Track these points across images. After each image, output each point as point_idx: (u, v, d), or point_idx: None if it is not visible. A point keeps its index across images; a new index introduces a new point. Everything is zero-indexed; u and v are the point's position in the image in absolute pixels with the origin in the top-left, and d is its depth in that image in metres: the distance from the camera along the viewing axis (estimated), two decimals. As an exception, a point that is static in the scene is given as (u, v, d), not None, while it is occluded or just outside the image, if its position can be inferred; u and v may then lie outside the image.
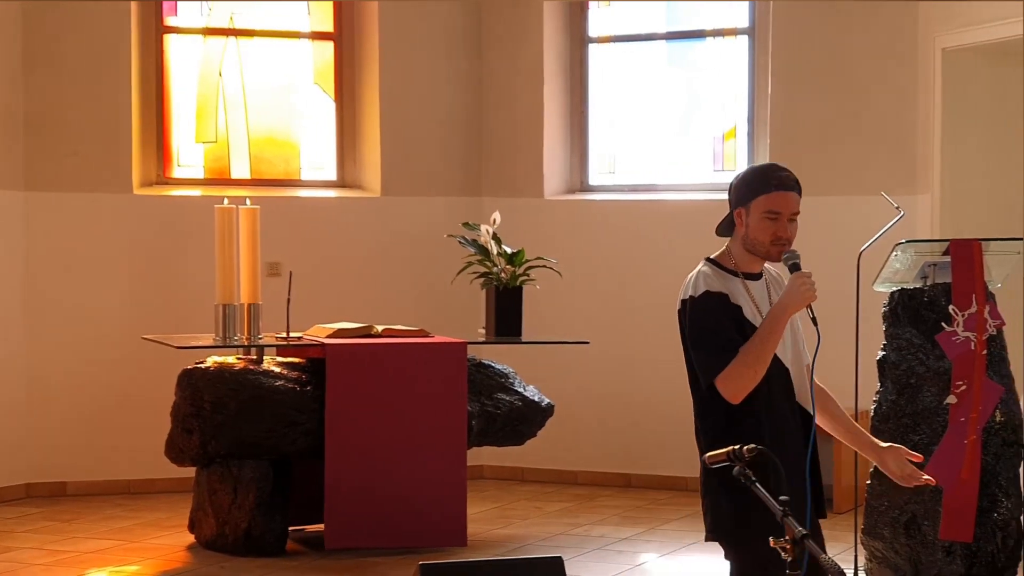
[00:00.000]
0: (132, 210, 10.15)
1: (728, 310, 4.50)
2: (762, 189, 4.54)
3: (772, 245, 4.53)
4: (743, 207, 4.56)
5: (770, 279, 4.68)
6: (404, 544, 8.23)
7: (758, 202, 4.52)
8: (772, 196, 4.52)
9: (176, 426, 8.33)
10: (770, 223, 4.52)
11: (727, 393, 4.43)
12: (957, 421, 6.57)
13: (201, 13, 10.49)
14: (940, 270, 6.76)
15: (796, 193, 4.55)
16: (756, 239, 4.54)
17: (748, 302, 4.54)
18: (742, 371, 4.42)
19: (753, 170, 4.64)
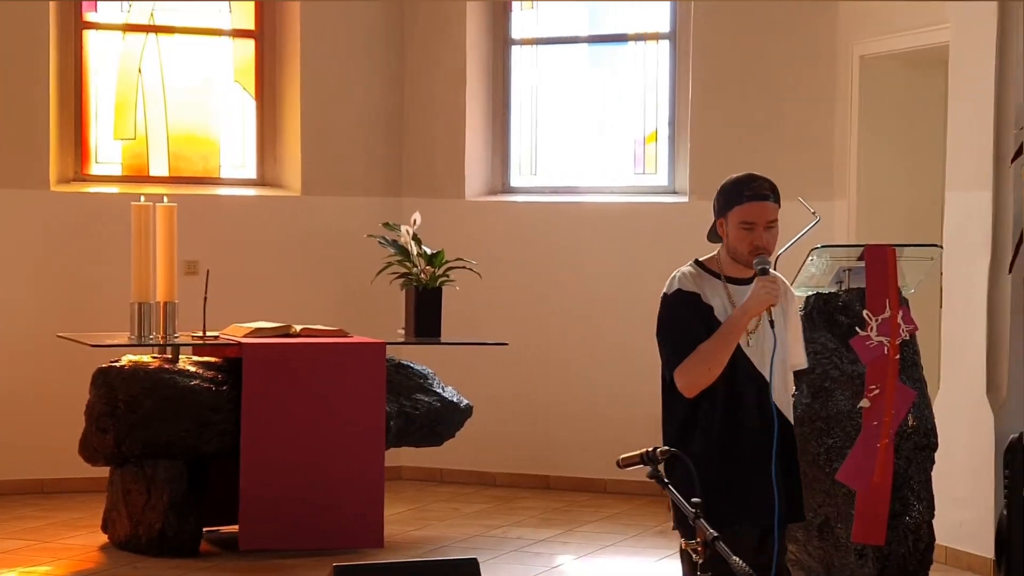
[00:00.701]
0: (49, 207, 10.05)
1: (698, 309, 4.67)
2: (736, 200, 4.70)
3: (750, 255, 4.69)
4: (723, 218, 4.73)
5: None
6: (320, 546, 8.19)
7: (734, 213, 4.68)
8: (746, 207, 4.68)
9: (90, 425, 8.25)
10: (746, 233, 4.68)
11: (681, 386, 4.62)
12: (870, 425, 6.63)
13: (121, 9, 10.41)
14: (855, 275, 6.83)
15: (771, 202, 4.71)
16: (735, 249, 4.70)
17: (725, 304, 4.67)
18: (697, 367, 4.60)
19: (730, 181, 4.77)
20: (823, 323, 6.82)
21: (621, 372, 10.21)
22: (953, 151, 8.11)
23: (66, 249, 10.06)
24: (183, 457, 8.11)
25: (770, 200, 4.70)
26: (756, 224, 4.67)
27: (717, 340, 4.59)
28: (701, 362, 4.60)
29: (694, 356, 4.60)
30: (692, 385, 4.62)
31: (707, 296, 4.67)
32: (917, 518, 6.68)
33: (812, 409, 6.80)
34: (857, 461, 6.60)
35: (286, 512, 8.13)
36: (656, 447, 3.99)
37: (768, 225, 4.68)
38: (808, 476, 6.83)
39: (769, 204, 4.69)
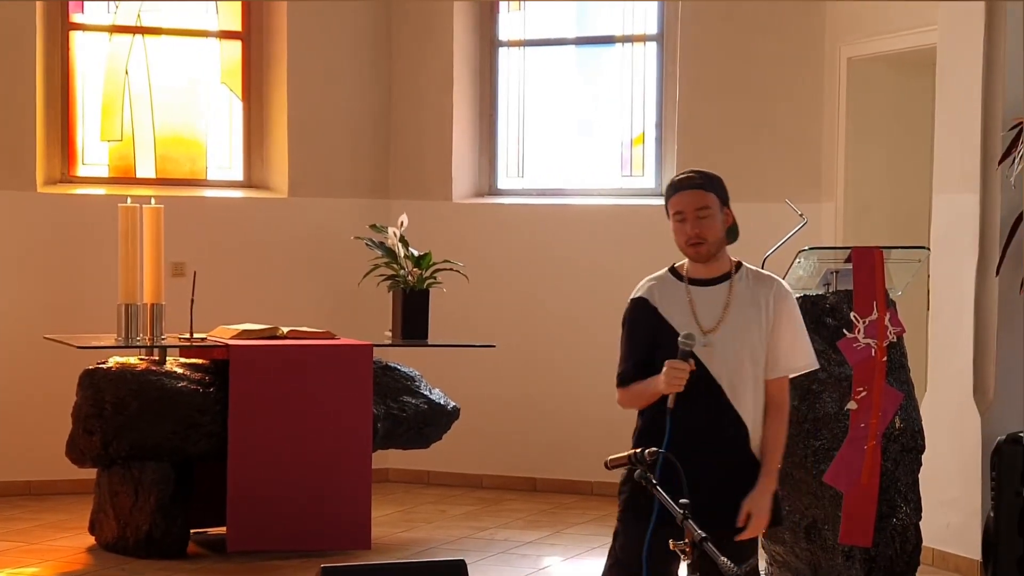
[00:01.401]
0: (35, 208, 10.03)
1: (644, 314, 4.69)
2: (668, 196, 4.72)
3: (688, 246, 4.66)
4: (667, 215, 4.72)
5: (741, 283, 4.73)
6: (307, 547, 8.19)
7: (669, 206, 4.70)
8: (674, 200, 4.68)
9: (77, 427, 8.24)
10: (680, 225, 4.66)
11: (619, 402, 4.76)
12: (857, 427, 6.63)
13: (108, 10, 10.39)
14: (842, 277, 6.83)
15: (699, 189, 4.66)
16: (678, 244, 4.69)
17: (681, 306, 4.64)
18: (629, 399, 4.77)
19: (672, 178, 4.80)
20: (810, 325, 6.75)
21: (608, 374, 10.09)
22: (940, 153, 8.12)
23: (53, 251, 10.04)
24: (170, 459, 8.09)
25: (700, 188, 4.66)
26: (686, 213, 4.63)
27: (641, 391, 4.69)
28: (633, 398, 4.75)
29: (631, 390, 4.73)
30: (626, 405, 4.82)
31: (659, 300, 4.66)
32: (904, 520, 6.69)
33: (799, 411, 6.79)
34: (844, 463, 6.61)
35: (273, 514, 8.12)
36: (644, 448, 3.98)
37: (699, 214, 4.62)
38: (795, 478, 6.85)
39: (696, 192, 4.65)
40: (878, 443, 6.61)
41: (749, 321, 4.65)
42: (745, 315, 4.65)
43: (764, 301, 4.69)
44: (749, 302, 4.68)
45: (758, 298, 4.69)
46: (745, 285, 4.72)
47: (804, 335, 4.79)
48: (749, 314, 4.65)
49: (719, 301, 4.67)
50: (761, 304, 4.68)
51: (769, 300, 4.70)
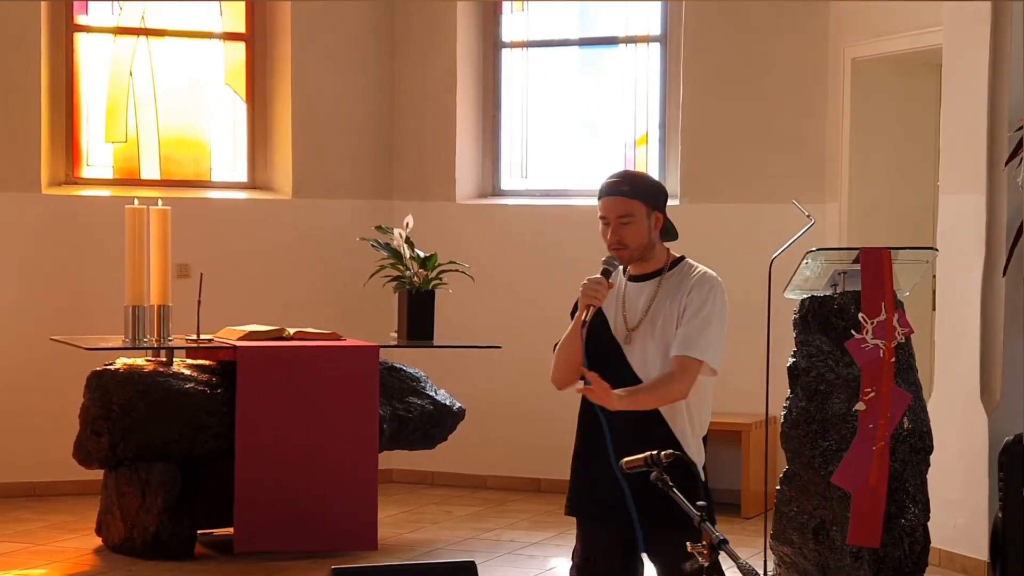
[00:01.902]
0: (40, 209, 10.04)
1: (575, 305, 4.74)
2: (598, 198, 4.79)
3: (611, 250, 4.70)
4: None
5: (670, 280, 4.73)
6: (314, 548, 8.20)
7: (598, 210, 4.76)
8: (600, 204, 4.75)
9: (84, 428, 8.25)
10: (604, 228, 4.71)
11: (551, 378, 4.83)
12: (866, 428, 6.63)
13: (112, 12, 10.40)
14: (850, 278, 6.83)
15: (623, 196, 4.68)
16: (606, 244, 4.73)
17: (613, 300, 4.71)
18: (554, 360, 4.80)
19: None
20: (818, 326, 6.83)
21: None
22: (947, 154, 8.13)
23: (57, 252, 10.05)
24: (177, 460, 8.11)
25: (624, 196, 4.68)
26: (608, 219, 4.68)
27: (563, 340, 4.74)
28: (555, 355, 4.79)
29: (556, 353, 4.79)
30: (552, 377, 4.84)
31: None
32: (913, 520, 6.69)
33: (808, 412, 6.81)
34: (853, 464, 6.61)
35: (280, 515, 8.13)
36: (660, 450, 3.99)
37: (621, 220, 4.66)
38: (803, 479, 6.86)
39: (621, 199, 4.67)
40: (886, 444, 6.61)
41: (667, 316, 4.67)
42: (664, 311, 4.68)
43: (682, 294, 4.70)
44: (671, 299, 4.69)
45: (680, 293, 4.69)
46: (673, 282, 4.72)
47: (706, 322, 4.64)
48: (668, 309, 4.68)
49: (646, 297, 4.71)
50: (680, 298, 4.69)
51: (685, 291, 4.70)
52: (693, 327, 4.64)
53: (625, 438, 4.57)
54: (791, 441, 6.90)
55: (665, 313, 4.66)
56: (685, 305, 4.66)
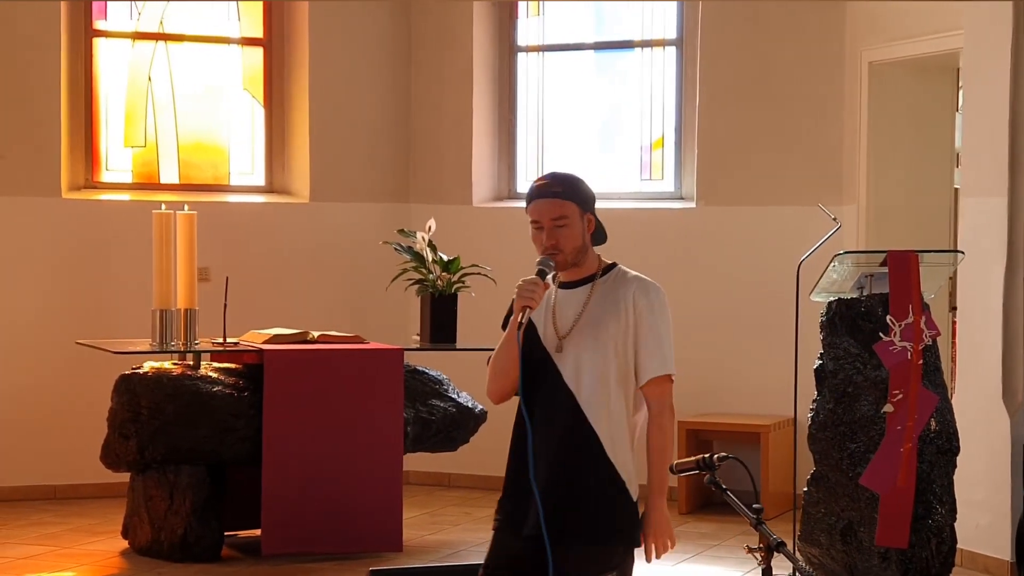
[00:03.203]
0: (60, 214, 10.09)
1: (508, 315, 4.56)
2: (527, 201, 4.59)
3: (543, 254, 4.52)
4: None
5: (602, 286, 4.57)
6: (340, 550, 8.25)
7: (528, 214, 4.58)
8: (531, 208, 4.56)
9: (113, 432, 8.29)
10: (536, 233, 4.54)
11: (486, 392, 4.58)
12: (894, 430, 6.69)
13: (131, 17, 10.45)
14: (877, 280, 6.89)
15: (557, 198, 4.51)
16: (537, 251, 4.56)
17: (544, 309, 4.53)
18: (489, 372, 4.54)
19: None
20: (845, 328, 6.89)
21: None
22: (968, 156, 8.19)
23: (78, 256, 10.10)
24: (205, 463, 8.16)
25: (558, 197, 4.50)
26: (542, 222, 4.50)
27: (498, 349, 4.50)
28: (489, 367, 4.54)
29: (489, 366, 4.55)
30: (487, 390, 4.57)
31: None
32: (940, 521, 6.76)
33: (835, 414, 6.87)
34: (881, 465, 6.67)
35: (307, 517, 8.17)
36: (712, 453, 4.04)
37: (555, 224, 4.48)
38: (831, 481, 6.92)
39: (555, 201, 4.49)
40: (914, 445, 6.67)
41: (603, 325, 4.48)
42: (598, 319, 4.49)
43: (624, 302, 4.51)
44: (607, 305, 4.51)
45: (618, 300, 4.51)
46: (608, 288, 4.55)
47: (660, 338, 4.53)
48: (604, 317, 4.49)
49: (578, 304, 4.52)
50: (620, 306, 4.51)
51: (629, 300, 4.52)
52: (654, 344, 4.51)
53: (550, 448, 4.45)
54: (819, 443, 6.96)
55: (600, 320, 4.49)
56: (635, 317, 4.50)
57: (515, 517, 4.51)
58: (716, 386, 10.12)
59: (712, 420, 9.90)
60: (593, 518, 4.45)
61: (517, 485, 4.50)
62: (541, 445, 4.43)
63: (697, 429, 9.79)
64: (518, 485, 4.49)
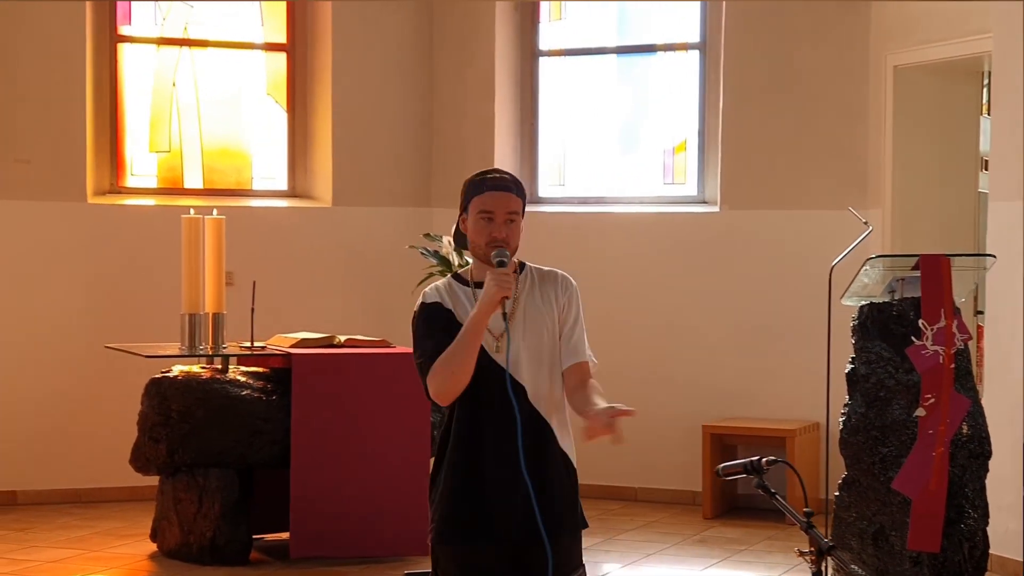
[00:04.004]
0: (86, 219, 10.12)
1: (439, 318, 4.45)
2: (476, 191, 4.48)
3: (488, 247, 4.43)
4: (464, 213, 4.51)
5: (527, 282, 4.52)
6: (367, 553, 8.27)
7: (473, 204, 4.46)
8: (485, 197, 4.44)
9: (143, 435, 8.32)
10: (485, 224, 4.43)
11: (433, 394, 4.40)
12: (926, 434, 6.70)
13: (155, 23, 10.48)
14: (908, 284, 6.89)
15: (511, 193, 4.46)
16: (475, 242, 4.47)
17: (468, 309, 4.42)
18: (442, 372, 4.36)
19: (472, 176, 4.56)
20: (877, 332, 6.90)
21: (648, 381, 10.29)
22: (996, 160, 8.19)
23: (103, 261, 10.13)
24: (234, 466, 8.18)
25: (511, 192, 4.44)
26: (495, 214, 4.41)
27: (458, 343, 4.34)
28: (444, 366, 4.35)
29: (439, 362, 4.35)
30: (440, 391, 4.38)
31: (450, 304, 4.46)
32: (972, 525, 6.76)
33: (867, 418, 6.88)
34: (913, 469, 6.67)
35: (334, 520, 8.19)
36: (760, 456, 4.05)
37: (509, 217, 4.41)
38: (862, 485, 6.93)
39: (511, 195, 4.43)
40: (946, 449, 6.67)
41: (538, 320, 4.48)
42: (532, 315, 4.48)
43: (553, 296, 4.52)
44: (537, 301, 4.49)
45: (547, 295, 4.52)
46: (531, 284, 4.52)
47: (583, 327, 4.58)
48: (537, 313, 4.49)
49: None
50: (551, 300, 4.52)
51: (557, 294, 4.53)
52: (578, 334, 4.54)
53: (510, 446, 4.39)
54: (850, 447, 6.96)
55: (534, 316, 4.48)
56: (563, 308, 4.52)
57: (484, 524, 4.41)
58: (740, 391, 10.13)
59: (736, 425, 9.90)
60: (567, 508, 4.48)
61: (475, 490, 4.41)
62: (493, 444, 4.38)
63: (722, 434, 9.79)
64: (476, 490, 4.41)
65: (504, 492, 4.38)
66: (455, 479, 4.45)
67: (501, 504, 4.39)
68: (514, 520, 4.39)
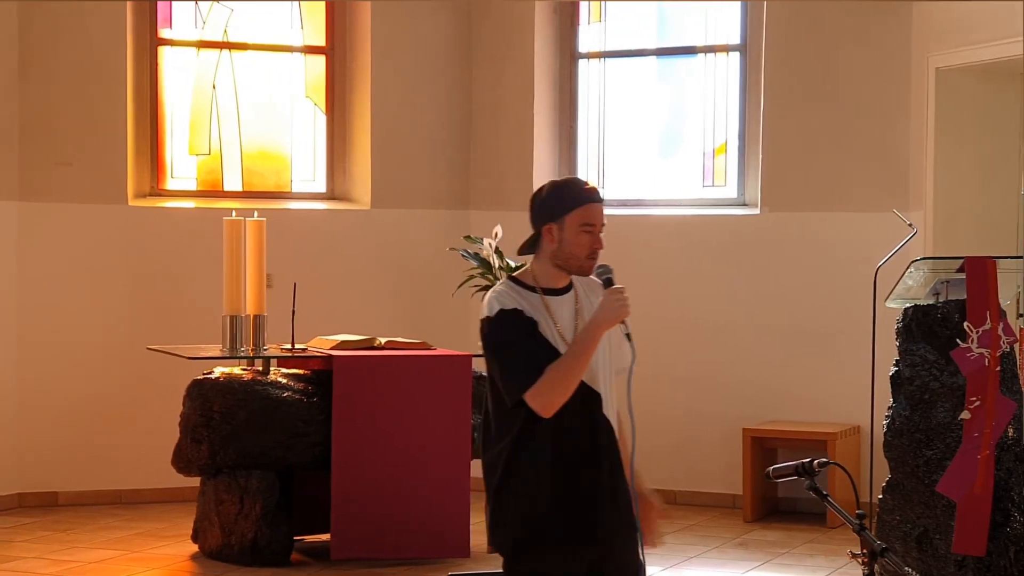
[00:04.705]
0: (127, 222, 10.16)
1: (523, 324, 4.41)
2: (577, 202, 4.46)
3: (588, 259, 4.47)
4: (555, 223, 4.46)
5: (581, 291, 4.58)
6: (408, 555, 8.28)
7: (575, 215, 4.43)
8: (589, 208, 4.46)
9: (184, 436, 8.35)
10: (586, 236, 4.45)
11: (538, 407, 4.34)
12: (971, 436, 6.66)
13: (196, 26, 10.51)
14: (953, 287, 6.86)
15: (602, 205, 4.52)
16: (572, 253, 4.45)
17: (545, 317, 4.45)
18: (553, 386, 4.34)
19: (561, 184, 4.54)
20: (922, 335, 6.86)
21: (689, 384, 10.28)
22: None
23: (143, 263, 10.17)
24: (275, 468, 8.20)
25: (602, 203, 4.51)
26: (595, 226, 4.45)
27: (573, 358, 4.36)
28: (558, 382, 4.34)
29: (549, 376, 4.33)
30: (551, 404, 4.34)
31: (528, 311, 4.43)
32: (1018, 528, 6.71)
33: (912, 421, 6.84)
34: (958, 472, 6.64)
35: (375, 522, 8.21)
36: (812, 459, 4.03)
37: (601, 228, 4.49)
38: (906, 488, 6.90)
39: (602, 207, 4.50)
40: (992, 453, 6.64)
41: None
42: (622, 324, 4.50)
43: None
44: (592, 307, 4.52)
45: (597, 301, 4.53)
46: (585, 290, 4.58)
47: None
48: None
49: (570, 310, 4.51)
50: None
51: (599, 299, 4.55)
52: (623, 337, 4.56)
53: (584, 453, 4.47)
54: (894, 450, 6.93)
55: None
56: None
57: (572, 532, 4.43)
58: (780, 393, 10.10)
59: (777, 428, 9.87)
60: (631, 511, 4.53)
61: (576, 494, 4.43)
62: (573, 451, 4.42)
63: (762, 437, 9.76)
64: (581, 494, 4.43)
65: (587, 498, 4.42)
66: (536, 487, 4.42)
67: (585, 510, 4.42)
68: (599, 525, 4.43)
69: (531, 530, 4.42)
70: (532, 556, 4.43)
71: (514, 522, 4.43)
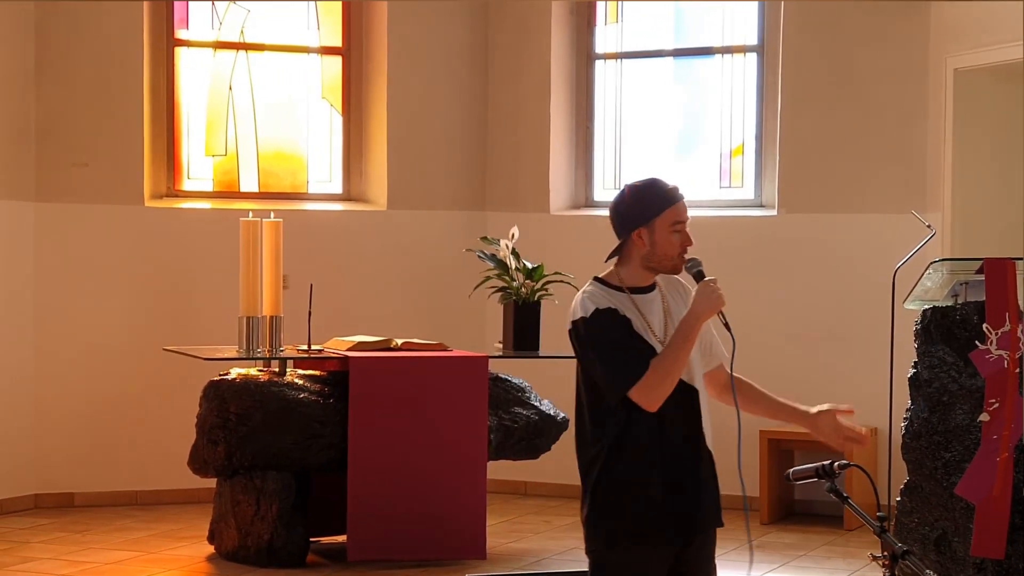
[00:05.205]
0: (143, 222, 10.16)
1: (620, 323, 4.47)
2: (665, 204, 4.53)
3: (680, 257, 4.55)
4: (644, 227, 4.52)
5: (667, 289, 4.64)
6: (424, 556, 8.27)
7: (667, 215, 4.51)
8: (678, 208, 4.55)
9: (201, 437, 8.35)
10: (677, 235, 4.53)
11: (645, 403, 4.41)
12: (989, 439, 6.63)
13: (212, 27, 10.51)
14: (972, 288, 6.83)
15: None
16: (664, 254, 4.53)
17: (636, 315, 4.50)
18: (659, 380, 4.41)
19: (642, 187, 4.60)
20: (940, 337, 6.83)
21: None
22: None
23: (160, 263, 10.17)
24: (291, 469, 8.19)
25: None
26: (685, 223, 4.55)
27: (675, 351, 4.43)
28: (664, 375, 4.42)
29: (654, 371, 4.41)
30: (658, 399, 4.42)
31: (621, 309, 4.49)
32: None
33: (930, 423, 6.81)
34: (977, 475, 6.61)
35: (391, 523, 8.20)
36: (833, 460, 4.02)
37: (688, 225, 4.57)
38: (925, 490, 6.87)
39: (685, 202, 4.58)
40: (1011, 455, 6.60)
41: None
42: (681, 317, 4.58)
43: (683, 301, 4.63)
44: (680, 305, 4.60)
45: (679, 299, 4.63)
46: (669, 289, 4.66)
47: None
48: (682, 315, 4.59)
49: (658, 308, 4.58)
50: (686, 303, 4.61)
51: (685, 298, 4.64)
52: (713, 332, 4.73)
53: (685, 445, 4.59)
54: (912, 452, 6.90)
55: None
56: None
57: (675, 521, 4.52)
58: (797, 395, 9.95)
59: (794, 429, 9.78)
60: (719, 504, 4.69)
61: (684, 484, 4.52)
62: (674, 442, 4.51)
63: (779, 439, 9.73)
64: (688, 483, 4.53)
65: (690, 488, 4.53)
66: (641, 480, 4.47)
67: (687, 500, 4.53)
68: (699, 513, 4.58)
69: (636, 520, 4.48)
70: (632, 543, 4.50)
71: (617, 514, 4.48)
